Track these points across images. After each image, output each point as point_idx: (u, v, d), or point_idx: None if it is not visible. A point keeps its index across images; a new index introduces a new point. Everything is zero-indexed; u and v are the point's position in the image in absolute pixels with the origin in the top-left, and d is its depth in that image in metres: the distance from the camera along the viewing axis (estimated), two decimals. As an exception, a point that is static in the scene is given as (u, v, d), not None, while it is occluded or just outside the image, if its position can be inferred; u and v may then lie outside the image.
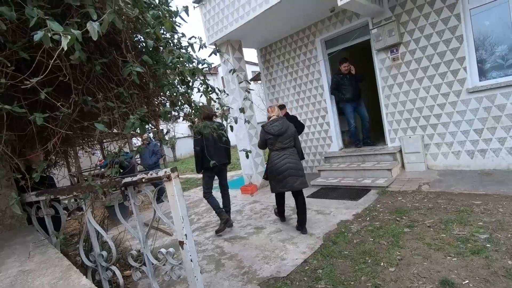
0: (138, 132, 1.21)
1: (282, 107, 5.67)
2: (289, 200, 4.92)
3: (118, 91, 1.37)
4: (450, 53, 4.50)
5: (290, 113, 6.34)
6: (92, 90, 1.36)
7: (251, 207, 5.20)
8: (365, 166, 5.23)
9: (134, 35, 1.85)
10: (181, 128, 18.16)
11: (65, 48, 0.88)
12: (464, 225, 2.94)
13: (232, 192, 6.66)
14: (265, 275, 2.84)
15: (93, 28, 0.95)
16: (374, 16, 5.19)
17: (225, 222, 4.20)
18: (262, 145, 3.86)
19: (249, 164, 6.35)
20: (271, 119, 3.78)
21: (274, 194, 3.99)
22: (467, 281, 2.13)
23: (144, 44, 1.68)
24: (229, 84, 6.32)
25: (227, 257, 3.41)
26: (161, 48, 1.62)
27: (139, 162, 11.41)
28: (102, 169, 7.30)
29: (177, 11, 1.55)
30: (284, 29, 6.33)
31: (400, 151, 5.20)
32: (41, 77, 1.03)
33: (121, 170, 5.37)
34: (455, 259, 2.42)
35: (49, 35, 0.88)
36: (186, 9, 1.53)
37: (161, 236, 4.52)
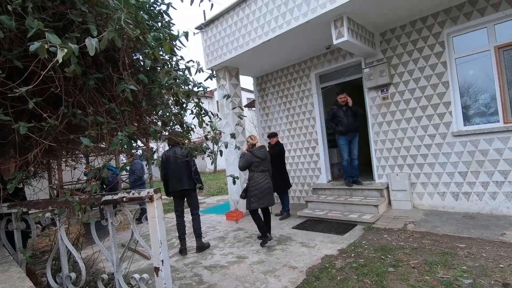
0: (125, 149, 1.19)
1: (274, 134, 5.75)
2: (274, 231, 4.83)
3: (109, 107, 1.37)
4: (437, 97, 4.71)
5: (281, 142, 6.41)
6: (83, 103, 1.34)
7: (235, 235, 5.05)
8: (352, 201, 5.22)
9: (133, 54, 1.89)
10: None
11: (60, 61, 0.88)
12: (448, 268, 2.90)
13: (217, 218, 6.51)
14: (243, 309, 2.69)
15: (91, 44, 0.97)
16: (367, 56, 5.46)
17: (180, 251, 4.43)
18: (246, 167, 4.43)
19: (236, 190, 6.26)
20: (257, 145, 4.47)
21: (252, 217, 4.43)
22: (450, 329, 2.06)
23: (142, 63, 1.70)
24: (223, 109, 6.41)
25: (205, 287, 3.24)
26: (159, 68, 1.64)
27: (124, 179, 11.12)
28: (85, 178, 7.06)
29: (178, 35, 1.60)
30: (280, 61, 6.57)
31: (387, 188, 5.24)
32: (31, 86, 1.02)
33: (104, 186, 5.20)
34: (439, 304, 2.36)
35: (46, 46, 0.88)
36: (186, 34, 1.58)
37: (138, 259, 4.30)
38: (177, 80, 1.80)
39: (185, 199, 4.59)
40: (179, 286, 3.35)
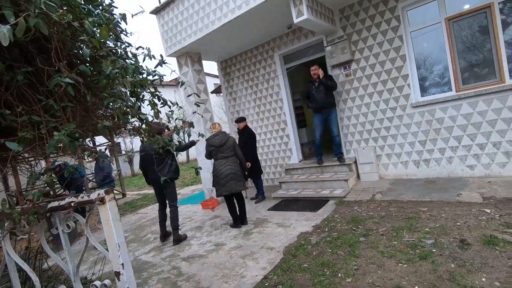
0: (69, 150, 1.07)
1: (241, 119, 5.68)
2: (250, 214, 4.86)
3: (47, 104, 1.22)
4: (396, 71, 4.88)
5: (251, 126, 6.37)
6: (12, 102, 1.19)
7: (212, 223, 5.03)
8: (323, 177, 5.37)
9: (75, 43, 1.70)
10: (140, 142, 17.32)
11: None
12: (413, 231, 3.10)
13: (192, 208, 6.43)
14: (224, 295, 2.70)
15: (3, 33, 0.83)
16: (328, 34, 5.48)
17: (162, 237, 4.61)
18: (207, 156, 4.58)
19: (209, 178, 6.17)
20: (212, 133, 4.56)
21: (226, 204, 4.53)
22: (416, 287, 2.21)
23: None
24: (189, 97, 6.18)
25: (184, 278, 3.21)
26: (102, 57, 1.49)
27: (90, 178, 10.57)
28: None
29: (114, 18, 1.45)
30: (243, 43, 6.41)
31: (355, 162, 5.44)
32: None
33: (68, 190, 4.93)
34: (406, 265, 2.53)
35: None
36: (123, 17, 1.44)
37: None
38: (127, 70, 1.66)
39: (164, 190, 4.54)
40: (158, 280, 3.29)
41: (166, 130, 4.10)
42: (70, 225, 1.20)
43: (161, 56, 1.82)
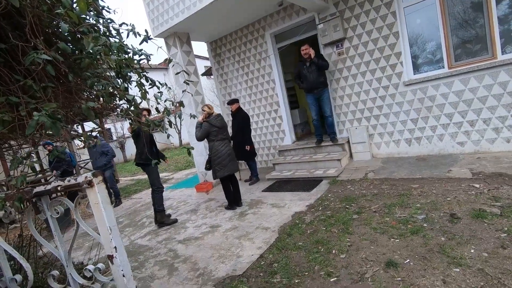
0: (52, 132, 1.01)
1: (234, 101, 5.59)
2: (245, 196, 4.89)
3: (25, 84, 1.14)
4: (389, 48, 4.82)
5: (243, 108, 6.29)
6: (-14, 82, 1.11)
7: (207, 205, 5.05)
8: (317, 158, 5.40)
9: (54, 20, 1.59)
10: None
11: None
12: (405, 208, 3.17)
13: (187, 191, 6.45)
14: (221, 275, 2.75)
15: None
16: (320, 11, 5.33)
17: (155, 220, 4.58)
18: (204, 136, 4.42)
19: (203, 162, 6.13)
20: (214, 114, 4.46)
21: (222, 186, 4.54)
22: (408, 260, 2.28)
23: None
24: (179, 79, 6.02)
25: (181, 260, 3.25)
26: (83, 34, 1.40)
27: (82, 165, 10.44)
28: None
29: (93, -11, 1.35)
30: (233, 23, 6.20)
31: (348, 141, 5.47)
32: None
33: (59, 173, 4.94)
34: (398, 240, 2.59)
35: None
36: (102, -14, 1.34)
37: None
38: (111, 47, 1.57)
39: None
40: (154, 263, 3.32)
41: (145, 112, 3.97)
42: (58, 210, 1.17)
43: (146, 31, 1.73)
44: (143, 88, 1.67)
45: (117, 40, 1.81)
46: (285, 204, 4.18)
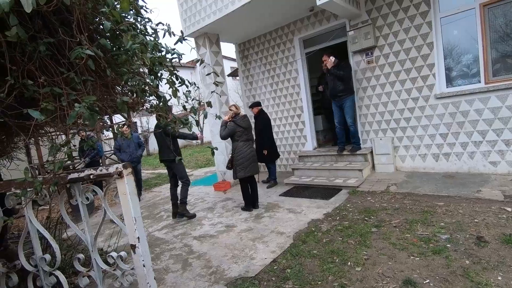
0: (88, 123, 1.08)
1: (257, 104, 5.63)
2: (262, 199, 4.90)
3: (68, 76, 1.22)
4: (421, 59, 4.65)
5: (266, 111, 6.31)
6: (35, 73, 1.20)
7: (223, 205, 5.11)
8: (337, 166, 5.30)
9: (96, 17, 1.69)
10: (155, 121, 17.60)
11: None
12: (427, 225, 3.04)
13: (205, 189, 6.54)
14: (233, 275, 2.76)
15: (26, -2, 0.82)
16: (352, 18, 5.25)
17: (173, 215, 4.75)
18: (228, 136, 4.44)
19: (223, 161, 6.23)
20: (240, 115, 4.52)
21: (241, 187, 4.60)
22: (428, 281, 2.18)
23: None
24: (205, 79, 6.16)
25: (195, 256, 3.30)
26: (123, 32, 1.47)
27: (108, 155, 10.88)
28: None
29: (137, -11, 1.43)
30: (263, 26, 6.25)
31: (371, 152, 5.32)
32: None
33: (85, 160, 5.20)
34: (418, 258, 2.49)
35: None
36: (145, -12, 1.41)
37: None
38: (147, 46, 1.64)
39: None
40: (170, 256, 3.40)
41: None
42: (89, 197, 1.23)
43: (182, 32, 1.79)
44: (174, 86, 1.73)
45: (152, 39, 1.88)
46: (302, 210, 4.14)
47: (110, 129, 7.28)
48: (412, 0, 4.58)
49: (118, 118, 10.15)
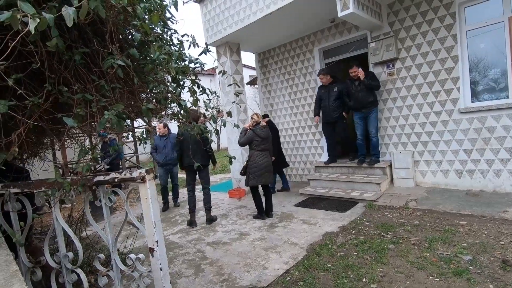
0: (116, 128, 1.14)
1: (266, 116, 5.81)
2: (276, 208, 4.87)
3: (99, 84, 1.30)
4: (445, 73, 4.54)
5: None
6: (70, 80, 1.28)
7: (237, 212, 5.12)
8: (354, 178, 5.20)
9: (124, 28, 1.79)
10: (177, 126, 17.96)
11: (32, 32, 0.80)
12: (448, 245, 2.91)
13: (220, 195, 6.58)
14: (245, 283, 2.75)
15: (68, 14, 0.89)
16: (373, 30, 5.22)
17: (190, 223, 4.68)
18: (246, 143, 4.50)
19: (238, 168, 6.25)
20: (260, 124, 4.50)
21: (252, 195, 4.62)
22: (447, 304, 2.09)
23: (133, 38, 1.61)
24: (225, 87, 6.27)
25: (208, 262, 3.32)
26: (150, 42, 1.55)
27: (128, 158, 11.18)
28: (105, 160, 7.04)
29: (166, 4, 1.49)
30: (283, 36, 6.33)
31: (390, 165, 5.19)
32: (5, 62, 0.95)
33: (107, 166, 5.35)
34: (437, 279, 2.39)
35: (18, 17, 0.81)
36: (175, 3, 1.47)
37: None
38: (172, 56, 1.71)
39: (198, 174, 4.83)
40: (183, 261, 3.43)
41: (202, 118, 4.24)
42: (112, 198, 1.29)
43: (206, 44, 1.85)
44: (195, 95, 1.79)
45: (176, 49, 1.96)
46: (316, 222, 4.08)
47: (130, 132, 7.47)
48: (437, 12, 4.51)
49: (138, 122, 10.47)
